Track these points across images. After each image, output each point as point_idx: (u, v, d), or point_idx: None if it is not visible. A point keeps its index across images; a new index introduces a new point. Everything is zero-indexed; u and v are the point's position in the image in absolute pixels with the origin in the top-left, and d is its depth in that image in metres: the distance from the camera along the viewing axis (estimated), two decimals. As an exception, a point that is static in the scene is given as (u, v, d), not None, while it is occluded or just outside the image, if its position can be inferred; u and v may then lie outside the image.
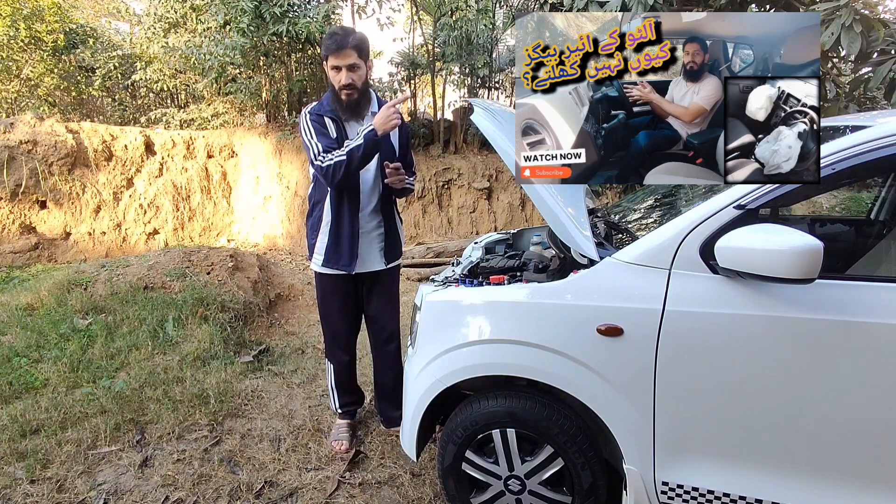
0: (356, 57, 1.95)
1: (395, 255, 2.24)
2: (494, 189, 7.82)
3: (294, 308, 4.13)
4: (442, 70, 8.30)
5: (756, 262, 1.21)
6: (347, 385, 2.38)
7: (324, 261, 2.12)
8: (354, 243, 2.09)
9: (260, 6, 6.25)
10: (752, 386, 1.33)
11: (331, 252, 2.11)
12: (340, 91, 1.97)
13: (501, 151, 1.60)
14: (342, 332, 2.28)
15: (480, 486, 1.73)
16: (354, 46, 1.94)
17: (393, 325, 2.30)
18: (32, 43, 7.88)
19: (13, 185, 5.82)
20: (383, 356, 2.34)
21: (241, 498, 1.98)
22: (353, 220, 2.08)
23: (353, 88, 1.97)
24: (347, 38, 1.94)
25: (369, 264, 2.17)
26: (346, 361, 2.32)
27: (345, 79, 1.94)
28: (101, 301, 3.37)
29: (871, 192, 6.66)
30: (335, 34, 1.95)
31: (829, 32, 2.92)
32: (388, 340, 2.30)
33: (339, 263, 2.10)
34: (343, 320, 2.26)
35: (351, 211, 2.07)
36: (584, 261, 1.55)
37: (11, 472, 2.05)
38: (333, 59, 1.94)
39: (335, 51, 1.92)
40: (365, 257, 2.15)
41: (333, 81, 1.98)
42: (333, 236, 2.10)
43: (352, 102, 2.00)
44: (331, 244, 2.10)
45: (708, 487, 1.42)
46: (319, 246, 2.13)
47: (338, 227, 2.09)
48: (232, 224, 7.50)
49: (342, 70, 1.94)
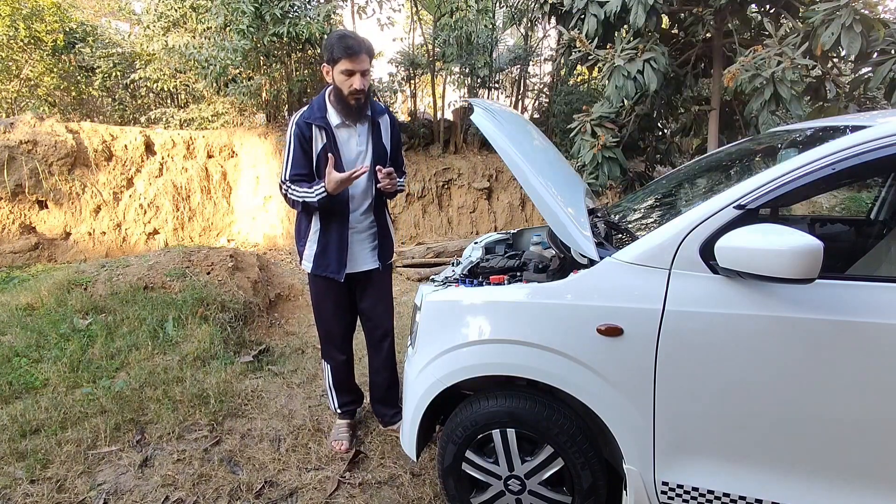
0: (368, 62, 1.96)
1: (387, 255, 2.26)
2: (494, 189, 7.82)
3: (294, 308, 4.13)
4: (442, 70, 8.30)
5: (756, 262, 1.21)
6: (345, 385, 2.38)
7: (313, 267, 2.14)
8: (343, 250, 2.10)
9: (260, 7, 6.24)
10: (752, 386, 1.33)
11: (319, 259, 2.12)
12: (350, 96, 1.97)
13: (501, 151, 1.59)
14: (336, 331, 2.28)
15: (480, 486, 1.73)
16: (368, 51, 1.95)
17: (387, 323, 2.32)
18: (32, 43, 7.87)
19: (13, 185, 5.81)
20: (378, 354, 2.35)
21: (241, 498, 1.98)
22: (341, 228, 2.09)
23: (363, 94, 1.97)
24: (362, 43, 1.94)
25: (361, 264, 2.18)
26: (342, 361, 2.33)
27: (358, 84, 1.94)
28: (101, 301, 3.37)
29: (871, 192, 6.66)
30: (349, 37, 1.94)
31: (830, 32, 2.92)
32: (381, 338, 2.32)
33: (327, 270, 2.11)
34: (337, 320, 2.27)
35: (340, 219, 2.09)
36: (584, 261, 1.55)
37: (11, 472, 2.06)
38: (349, 63, 1.92)
39: (352, 55, 1.91)
40: (357, 257, 2.16)
41: (342, 85, 1.96)
42: (321, 244, 2.11)
43: (359, 107, 2.01)
44: (319, 251, 2.12)
45: (708, 487, 1.42)
46: (308, 253, 2.15)
47: (325, 236, 2.10)
48: (232, 224, 7.50)
49: (356, 74, 1.93)
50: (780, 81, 3.08)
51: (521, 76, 8.89)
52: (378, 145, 2.12)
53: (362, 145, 2.09)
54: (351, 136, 2.07)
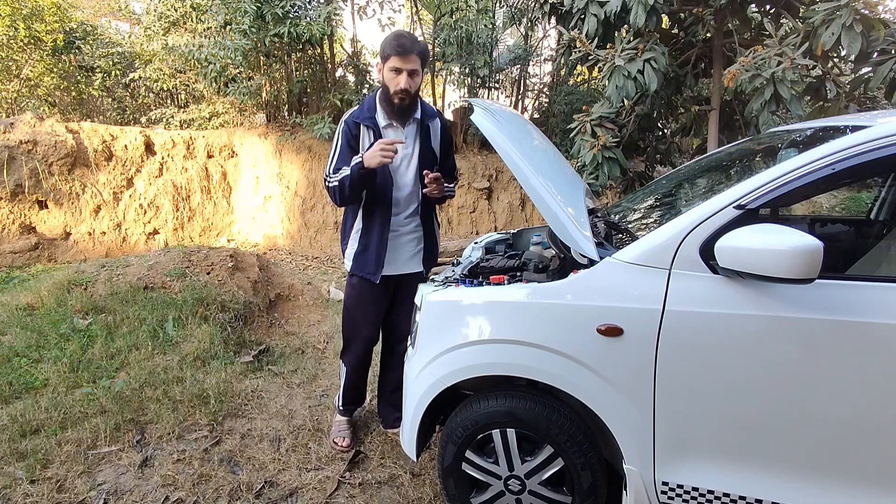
0: (419, 64, 1.95)
1: (432, 260, 2.25)
2: (494, 189, 7.82)
3: (294, 308, 4.12)
4: (442, 70, 8.29)
5: (756, 262, 1.21)
6: (358, 387, 2.39)
7: (353, 266, 2.14)
8: (382, 252, 2.09)
9: (261, 7, 6.24)
10: (752, 386, 1.33)
11: (359, 258, 2.12)
12: (395, 95, 1.96)
13: (501, 151, 1.60)
14: (364, 335, 2.26)
15: (480, 486, 1.73)
16: (420, 53, 1.94)
17: (407, 325, 2.31)
18: (32, 43, 7.87)
19: (13, 185, 5.81)
20: (391, 357, 2.36)
21: (241, 498, 1.99)
22: (382, 229, 2.08)
23: (407, 94, 1.96)
24: (416, 43, 1.93)
25: (402, 266, 2.17)
26: (362, 364, 2.32)
27: (404, 83, 1.93)
28: (101, 301, 3.37)
29: (871, 192, 6.66)
30: (403, 36, 1.93)
31: (830, 32, 2.92)
32: (399, 340, 2.30)
33: (364, 270, 2.11)
34: (366, 322, 2.25)
35: (382, 219, 2.08)
36: (584, 261, 1.55)
37: (11, 472, 2.05)
38: (398, 60, 1.91)
39: (402, 53, 1.90)
40: (398, 260, 2.15)
41: (389, 83, 1.95)
42: (363, 244, 2.11)
43: (403, 107, 2.00)
44: (359, 251, 2.12)
45: (708, 487, 1.42)
46: (349, 252, 2.16)
47: (367, 235, 2.10)
48: (232, 224, 7.50)
49: (403, 73, 1.93)
50: (781, 81, 3.08)
51: (521, 76, 8.88)
52: (426, 148, 2.11)
53: (409, 147, 2.09)
54: (398, 138, 2.05)
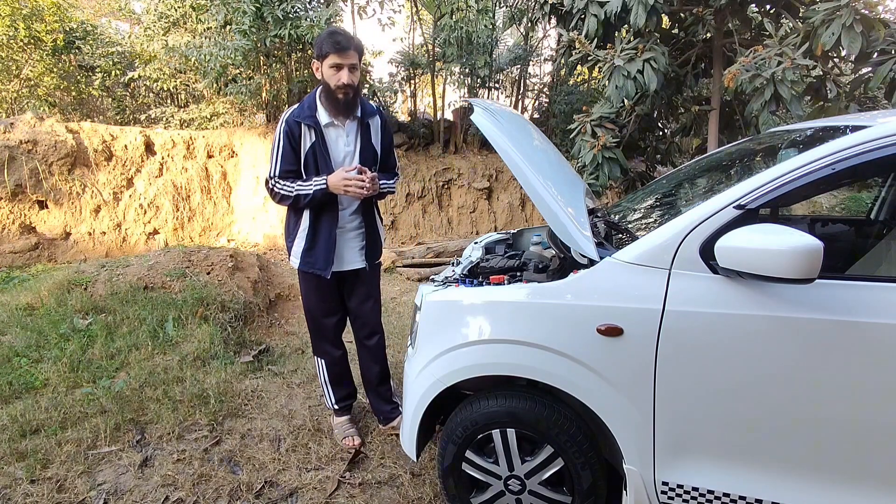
0: (357, 59, 1.99)
1: (375, 255, 2.28)
2: (494, 189, 7.82)
3: (294, 308, 4.12)
4: (442, 70, 8.29)
5: (756, 262, 1.21)
6: (342, 378, 2.41)
7: (300, 263, 2.16)
8: (331, 248, 2.11)
9: (261, 8, 6.23)
10: (752, 386, 1.33)
11: (306, 255, 2.14)
12: (337, 90, 1.99)
13: (501, 151, 1.59)
14: (327, 326, 2.31)
15: (480, 486, 1.73)
16: (356, 48, 1.99)
17: (374, 320, 2.34)
18: (32, 43, 7.86)
19: (13, 185, 5.81)
20: (366, 352, 2.38)
21: (241, 498, 1.98)
22: (330, 226, 2.11)
23: (350, 88, 1.99)
24: (351, 39, 1.98)
25: (348, 263, 2.21)
26: (338, 355, 2.36)
27: (346, 78, 1.96)
28: (101, 301, 3.37)
29: (871, 192, 6.66)
30: (337, 33, 1.98)
31: (830, 32, 2.92)
32: (369, 336, 2.35)
33: (315, 266, 2.13)
34: (326, 315, 2.29)
35: (329, 217, 2.10)
36: (584, 261, 1.55)
37: (11, 472, 2.05)
38: (336, 57, 1.95)
39: (340, 50, 1.94)
40: (345, 256, 2.19)
41: (330, 80, 1.99)
42: (309, 241, 2.13)
43: (347, 102, 2.02)
44: (306, 248, 2.14)
45: (708, 487, 1.42)
46: (296, 249, 2.16)
47: (314, 233, 2.12)
48: (232, 224, 7.49)
49: (344, 69, 1.96)
50: (781, 81, 3.08)
51: (521, 76, 8.89)
52: (367, 146, 2.14)
53: (350, 145, 2.11)
54: (339, 136, 2.09)
